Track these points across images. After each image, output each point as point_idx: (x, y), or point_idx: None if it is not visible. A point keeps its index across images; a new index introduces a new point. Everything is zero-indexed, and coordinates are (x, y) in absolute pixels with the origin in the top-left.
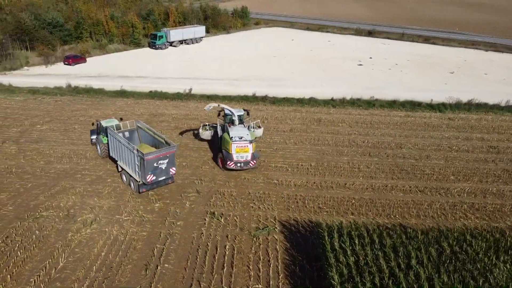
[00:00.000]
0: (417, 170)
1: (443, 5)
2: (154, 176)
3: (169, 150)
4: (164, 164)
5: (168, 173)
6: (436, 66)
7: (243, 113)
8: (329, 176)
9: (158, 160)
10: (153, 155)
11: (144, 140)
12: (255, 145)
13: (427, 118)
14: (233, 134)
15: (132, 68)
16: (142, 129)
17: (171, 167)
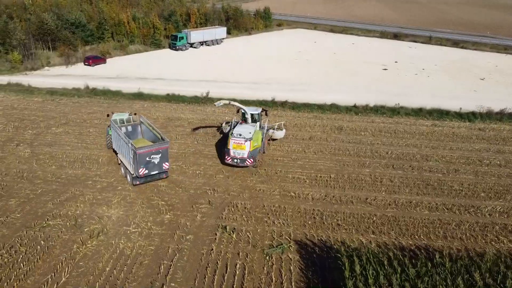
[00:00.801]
0: (445, 185)
1: (473, 7)
2: (147, 170)
3: (161, 145)
4: (157, 158)
5: (161, 167)
6: (466, 71)
7: (258, 112)
8: (349, 189)
9: (150, 154)
10: (145, 150)
11: (146, 135)
12: (257, 144)
13: (455, 128)
14: (235, 131)
15: (151, 70)
16: (144, 124)
17: (164, 162)
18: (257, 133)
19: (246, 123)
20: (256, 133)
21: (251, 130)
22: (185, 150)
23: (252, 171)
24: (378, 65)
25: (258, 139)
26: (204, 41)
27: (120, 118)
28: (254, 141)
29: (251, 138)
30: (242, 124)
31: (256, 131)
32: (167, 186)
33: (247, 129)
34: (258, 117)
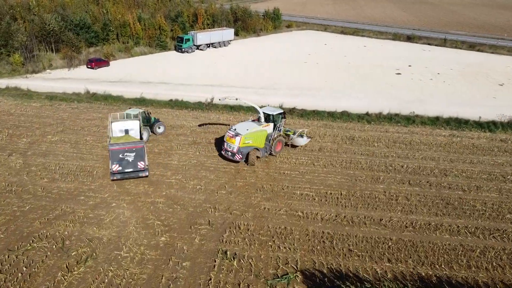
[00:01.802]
0: (466, 204)
1: (487, 8)
2: (120, 167)
3: (135, 144)
4: (131, 157)
5: (136, 166)
6: (483, 76)
7: (275, 113)
8: (362, 208)
9: (124, 152)
10: (118, 147)
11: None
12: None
13: (475, 139)
14: (236, 125)
15: (156, 73)
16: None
17: (139, 161)
18: (258, 133)
19: (259, 121)
20: (256, 132)
21: (250, 128)
22: (186, 162)
23: (257, 187)
24: (391, 69)
25: (257, 139)
26: (211, 43)
27: (132, 113)
28: (247, 138)
29: (245, 135)
30: (249, 121)
31: (258, 130)
32: (165, 203)
33: (247, 126)
34: (276, 118)
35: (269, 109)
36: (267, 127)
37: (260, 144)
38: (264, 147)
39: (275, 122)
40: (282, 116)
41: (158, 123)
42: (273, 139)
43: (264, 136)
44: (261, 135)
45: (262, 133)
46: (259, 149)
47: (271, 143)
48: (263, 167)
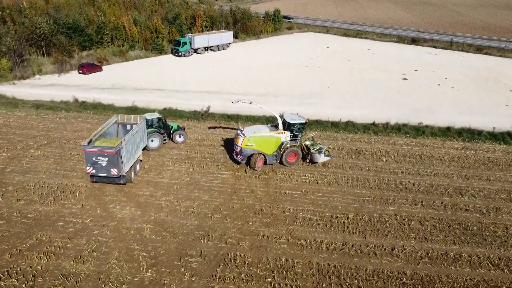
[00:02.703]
0: (486, 229)
1: (492, 9)
2: (94, 170)
3: (106, 149)
4: (104, 161)
5: (109, 172)
6: (493, 82)
7: (296, 122)
8: (371, 235)
9: (96, 155)
10: (90, 149)
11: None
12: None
13: (490, 152)
14: (247, 127)
15: (150, 79)
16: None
17: (111, 167)
18: (266, 138)
19: (277, 128)
20: (263, 137)
21: (259, 131)
22: (178, 180)
23: (255, 210)
24: (396, 73)
25: (264, 144)
26: (209, 47)
27: (153, 117)
28: (249, 140)
29: (248, 137)
30: (265, 125)
31: (267, 135)
32: (152, 230)
33: (258, 129)
34: (294, 127)
35: (289, 117)
36: (281, 135)
37: (266, 150)
38: (272, 154)
39: (292, 131)
40: (301, 126)
41: (179, 131)
42: (285, 149)
43: (274, 143)
44: (270, 141)
45: (271, 139)
46: (265, 155)
47: (281, 152)
48: (262, 185)
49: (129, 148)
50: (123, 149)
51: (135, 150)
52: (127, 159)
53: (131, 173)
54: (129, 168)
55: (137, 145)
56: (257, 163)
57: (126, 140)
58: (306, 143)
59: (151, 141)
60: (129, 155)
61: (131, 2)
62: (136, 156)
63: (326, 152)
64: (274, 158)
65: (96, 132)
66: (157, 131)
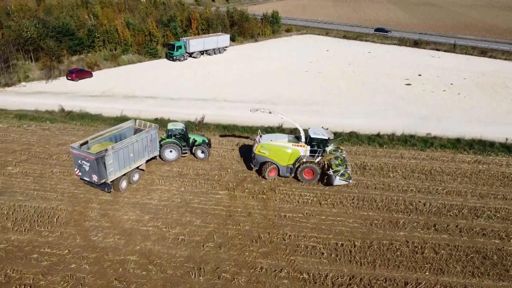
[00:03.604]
0: (507, 258)
1: (493, 10)
2: (80, 173)
3: (87, 155)
4: (87, 166)
5: (91, 177)
6: (500, 87)
7: (322, 137)
8: (381, 267)
9: (81, 159)
10: (75, 151)
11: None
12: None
13: (504, 165)
14: (267, 134)
15: (143, 85)
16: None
17: (92, 174)
18: (281, 148)
19: (299, 141)
20: (278, 147)
21: (275, 140)
22: (168, 201)
23: (252, 237)
24: (399, 78)
25: (278, 154)
26: (205, 50)
27: (175, 128)
28: (263, 148)
29: (262, 143)
30: (285, 135)
31: (283, 146)
32: (137, 263)
33: (276, 137)
34: (314, 142)
35: (314, 130)
36: (300, 148)
37: (280, 160)
38: (286, 166)
39: (311, 146)
40: (322, 142)
41: (202, 146)
42: (300, 163)
43: (291, 155)
44: (285, 152)
45: (287, 150)
46: (279, 166)
47: (296, 166)
48: (260, 207)
49: (120, 157)
50: (108, 157)
51: (132, 159)
52: (115, 167)
53: (121, 182)
54: (119, 177)
55: (136, 155)
56: (267, 172)
57: (115, 148)
58: (333, 162)
59: (169, 152)
60: (120, 164)
61: (125, 4)
62: (134, 165)
63: (346, 174)
64: (288, 171)
65: (98, 134)
66: (175, 143)
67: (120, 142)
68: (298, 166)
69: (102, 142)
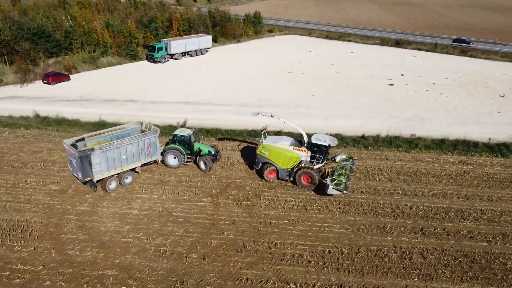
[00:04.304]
0: (495, 262)
1: (473, 10)
2: (71, 168)
3: (73, 151)
4: (74, 162)
5: (78, 174)
6: (482, 86)
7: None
8: (369, 274)
9: (70, 155)
10: (66, 146)
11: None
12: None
13: (488, 166)
14: (273, 136)
15: (123, 88)
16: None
17: (78, 171)
18: (281, 151)
19: (301, 145)
20: (278, 149)
21: (277, 142)
22: (149, 210)
23: (237, 246)
24: (382, 79)
25: (278, 156)
26: (187, 52)
27: (180, 134)
28: (264, 148)
29: (264, 144)
30: (290, 138)
31: (283, 149)
32: (116, 277)
33: (279, 140)
34: (313, 148)
35: (317, 136)
36: (301, 152)
37: (280, 163)
38: (286, 169)
39: (313, 152)
40: (322, 149)
41: (205, 157)
42: (299, 168)
43: (290, 158)
44: (285, 155)
45: (287, 153)
46: (278, 168)
47: (294, 170)
48: (245, 214)
49: (110, 157)
50: (94, 156)
51: (125, 161)
52: (103, 167)
53: (109, 183)
54: (108, 177)
55: (130, 157)
56: (266, 173)
57: (103, 148)
58: (336, 170)
59: (172, 157)
60: (110, 165)
61: (104, 5)
62: (127, 168)
63: (342, 184)
64: (287, 174)
65: (98, 132)
66: (178, 150)
67: (110, 143)
68: (296, 171)
69: (101, 140)
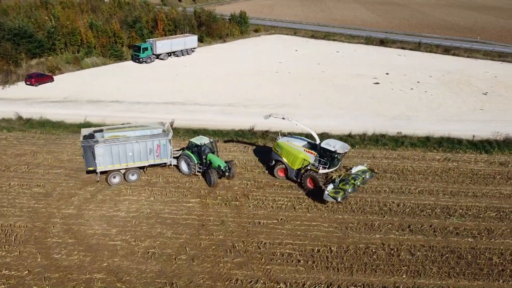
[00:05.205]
0: (481, 257)
1: (455, 9)
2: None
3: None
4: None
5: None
6: (465, 84)
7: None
8: (359, 272)
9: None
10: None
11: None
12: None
13: (472, 163)
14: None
15: (108, 89)
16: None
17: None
18: (293, 151)
19: (314, 149)
20: (290, 149)
21: (291, 142)
22: (137, 212)
23: (227, 247)
24: (368, 78)
25: (289, 156)
26: (173, 52)
27: (194, 141)
28: (278, 146)
29: (279, 141)
30: (305, 139)
31: (294, 149)
32: (104, 281)
33: (293, 140)
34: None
35: (327, 141)
36: (310, 154)
37: (290, 162)
38: (295, 170)
39: (321, 156)
40: (329, 154)
41: (213, 170)
42: (305, 170)
43: (300, 159)
44: (296, 155)
45: (297, 154)
46: (287, 168)
47: (302, 172)
48: (234, 215)
49: (114, 152)
50: (98, 148)
51: (131, 158)
52: (106, 160)
53: (112, 176)
54: (112, 171)
55: (137, 155)
56: (277, 171)
57: (107, 142)
58: (346, 179)
59: (185, 164)
60: (114, 159)
61: (88, 4)
62: (132, 165)
63: (341, 192)
64: (295, 174)
65: (118, 126)
66: (190, 157)
67: (115, 138)
68: (303, 173)
69: (119, 134)
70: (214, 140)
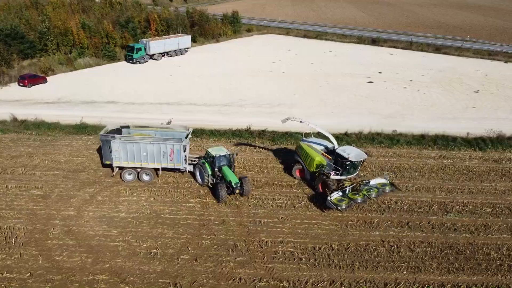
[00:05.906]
0: (479, 252)
1: (444, 8)
2: None
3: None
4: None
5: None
6: (457, 83)
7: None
8: (360, 269)
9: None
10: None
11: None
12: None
13: (467, 160)
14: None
15: (102, 90)
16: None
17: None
18: (311, 153)
19: (330, 153)
20: (308, 151)
21: (311, 144)
22: (137, 213)
23: (228, 246)
24: (361, 77)
25: (306, 158)
26: (166, 52)
27: (209, 151)
28: (299, 147)
29: (301, 143)
30: (325, 143)
31: (312, 151)
32: (108, 282)
33: (314, 141)
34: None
35: (344, 147)
36: (326, 158)
37: (307, 164)
38: (311, 172)
39: (335, 162)
40: (343, 162)
41: (223, 184)
42: (319, 174)
43: (316, 162)
44: (312, 157)
45: (314, 156)
46: (305, 169)
47: (316, 175)
48: (234, 214)
49: (130, 150)
50: (114, 143)
51: (145, 158)
52: (122, 156)
53: (125, 173)
54: (126, 168)
55: (151, 157)
56: (294, 171)
57: (122, 139)
58: (361, 187)
59: (200, 174)
60: (129, 156)
61: (79, 5)
62: (146, 166)
63: (345, 200)
64: (310, 177)
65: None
66: (203, 167)
67: (131, 137)
68: (316, 176)
69: (143, 133)
70: (233, 153)
